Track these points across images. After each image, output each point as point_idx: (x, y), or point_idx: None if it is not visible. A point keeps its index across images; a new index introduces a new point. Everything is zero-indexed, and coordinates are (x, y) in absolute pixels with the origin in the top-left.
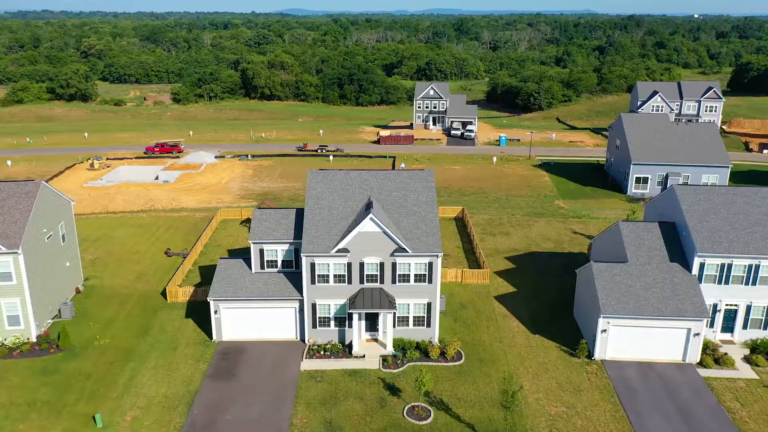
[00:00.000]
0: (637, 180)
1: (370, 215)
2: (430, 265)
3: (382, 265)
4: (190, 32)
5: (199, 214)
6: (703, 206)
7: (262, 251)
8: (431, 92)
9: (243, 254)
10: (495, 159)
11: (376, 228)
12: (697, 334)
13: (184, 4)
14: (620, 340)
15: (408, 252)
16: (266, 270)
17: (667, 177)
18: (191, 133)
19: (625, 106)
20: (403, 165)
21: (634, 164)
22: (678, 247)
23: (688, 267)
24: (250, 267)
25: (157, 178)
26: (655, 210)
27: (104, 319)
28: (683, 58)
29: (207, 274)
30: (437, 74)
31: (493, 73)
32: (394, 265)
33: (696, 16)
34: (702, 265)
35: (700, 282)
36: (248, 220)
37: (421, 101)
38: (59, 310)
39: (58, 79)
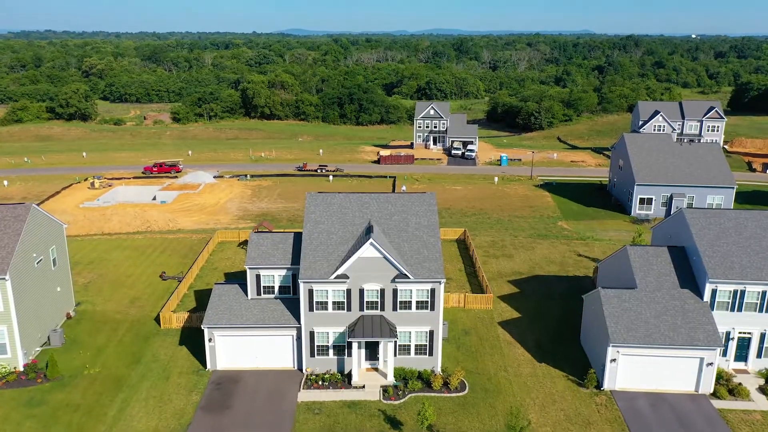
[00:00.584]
0: (641, 201)
1: (370, 240)
2: (433, 291)
3: (382, 291)
4: (191, 52)
5: (196, 236)
6: (713, 230)
7: (258, 276)
8: (431, 112)
9: (239, 278)
10: (496, 179)
11: (376, 253)
12: (711, 364)
13: (185, 24)
14: (630, 369)
15: (409, 278)
16: (263, 296)
17: (671, 198)
18: (190, 152)
19: (626, 126)
20: (404, 188)
21: (637, 185)
22: (688, 272)
23: (699, 293)
24: (246, 293)
25: (154, 198)
26: (662, 233)
27: (95, 347)
28: (682, 77)
29: (202, 298)
30: (437, 93)
31: (493, 92)
32: (395, 291)
33: (694, 36)
34: (714, 292)
35: (712, 309)
36: (246, 242)
37: (421, 121)
38: (48, 338)
39: (57, 98)
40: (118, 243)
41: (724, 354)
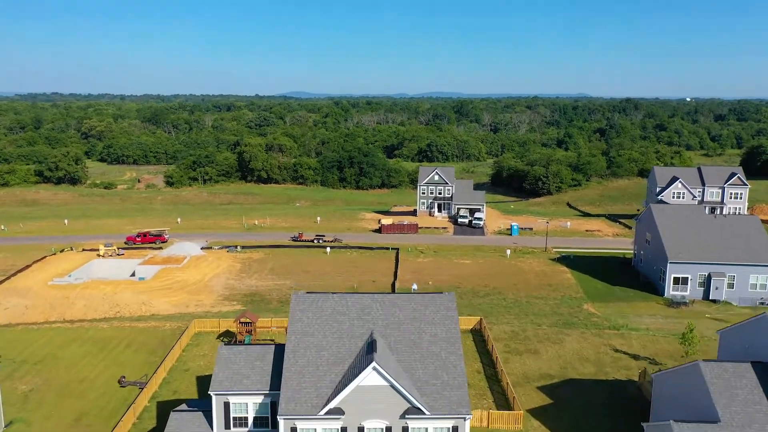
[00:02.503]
0: (675, 280)
1: (374, 363)
2: (455, 430)
3: (389, 430)
4: (192, 114)
5: (170, 324)
6: None
7: (227, 405)
8: (436, 177)
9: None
10: (508, 252)
11: (381, 380)
12: None
13: (190, 87)
14: None
15: (424, 413)
16: (232, 430)
17: (709, 277)
18: (179, 220)
19: (638, 191)
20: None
21: (671, 263)
22: None
23: None
24: (210, 425)
25: (133, 274)
26: (737, 341)
27: None
28: (684, 140)
29: (166, 413)
30: (438, 156)
31: (495, 155)
32: (405, 430)
33: (688, 99)
34: None
35: None
36: (227, 334)
37: (425, 187)
38: None
39: (47, 161)
40: (78, 333)
41: None
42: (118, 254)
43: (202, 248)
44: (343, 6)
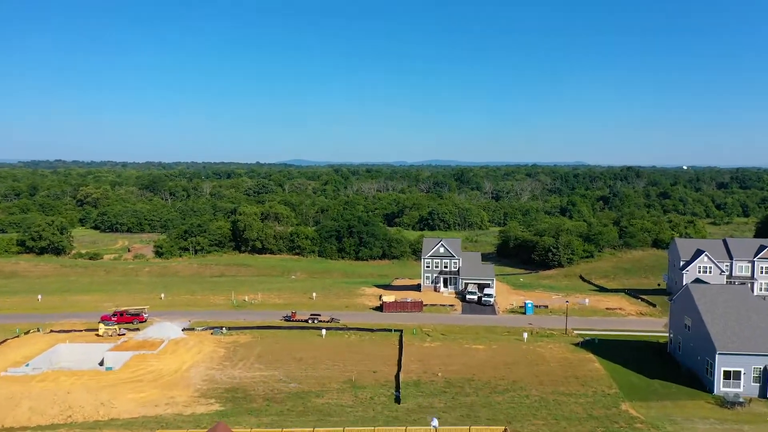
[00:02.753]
0: (726, 374)
1: None
2: None
3: None
4: (191, 181)
5: None
6: None
7: None
8: (441, 249)
9: None
10: (525, 335)
11: None
12: None
13: (192, 154)
14: None
15: None
16: None
17: (765, 371)
18: (162, 296)
19: (653, 263)
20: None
21: (720, 354)
22: None
23: None
24: None
25: (102, 363)
26: None
27: None
28: (689, 208)
29: None
30: (440, 224)
31: (498, 223)
32: None
33: (685, 168)
34: None
35: None
36: None
37: (429, 259)
38: None
39: (30, 230)
40: None
41: None
42: (119, 334)
43: (183, 329)
44: (342, 77)
